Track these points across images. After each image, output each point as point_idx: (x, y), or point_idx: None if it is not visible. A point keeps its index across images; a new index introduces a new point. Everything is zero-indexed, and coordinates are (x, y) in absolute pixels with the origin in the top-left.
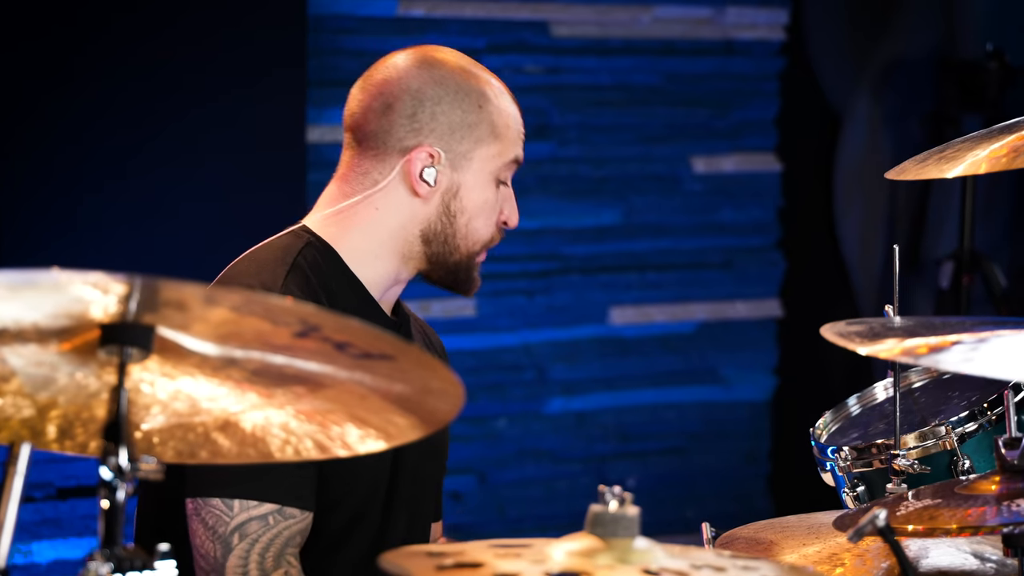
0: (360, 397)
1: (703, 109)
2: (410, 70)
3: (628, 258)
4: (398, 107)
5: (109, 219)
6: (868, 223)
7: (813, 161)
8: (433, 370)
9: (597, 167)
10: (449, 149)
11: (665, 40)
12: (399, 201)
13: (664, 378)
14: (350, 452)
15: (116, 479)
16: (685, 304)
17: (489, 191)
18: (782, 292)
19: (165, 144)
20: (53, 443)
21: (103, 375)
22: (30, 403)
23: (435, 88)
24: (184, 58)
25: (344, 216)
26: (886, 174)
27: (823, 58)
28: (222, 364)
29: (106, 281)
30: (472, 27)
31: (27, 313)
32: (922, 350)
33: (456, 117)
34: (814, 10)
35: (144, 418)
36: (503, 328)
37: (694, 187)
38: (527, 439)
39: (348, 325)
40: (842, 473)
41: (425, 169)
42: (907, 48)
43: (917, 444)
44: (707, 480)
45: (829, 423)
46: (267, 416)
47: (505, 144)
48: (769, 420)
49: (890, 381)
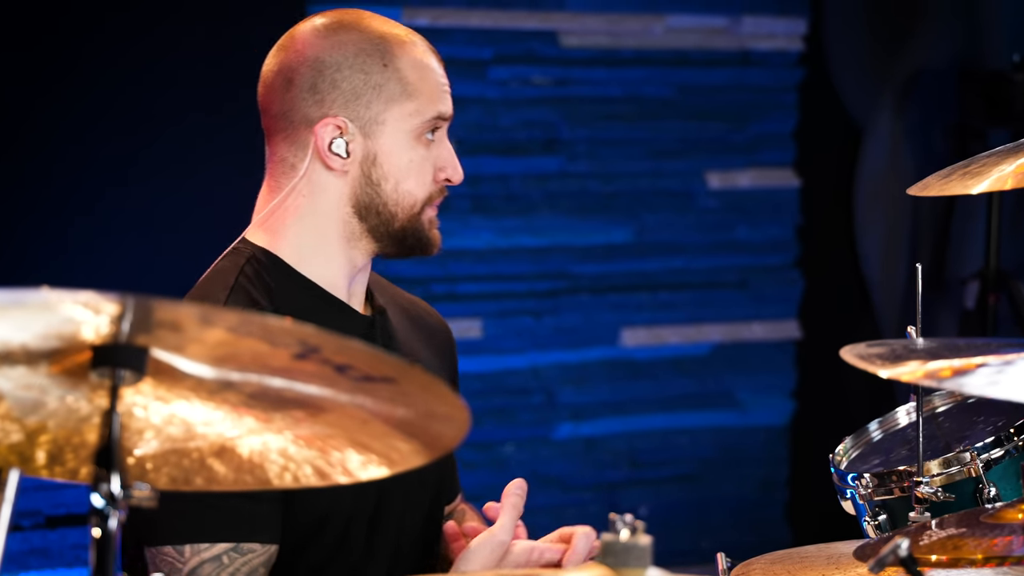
0: (361, 422)
1: (718, 122)
2: (308, 39)
3: (640, 277)
4: (298, 81)
5: (100, 235)
6: (890, 241)
7: (833, 176)
8: (437, 394)
9: (607, 183)
10: (356, 116)
11: (678, 50)
12: (322, 182)
13: (677, 402)
14: (351, 479)
15: (108, 507)
16: (699, 325)
17: (412, 151)
18: (800, 313)
19: (159, 156)
20: (42, 469)
21: (94, 398)
22: (18, 427)
23: (334, 53)
24: (182, 67)
25: (276, 217)
26: (908, 190)
27: (843, 69)
28: (218, 387)
29: (98, 300)
30: (478, 37)
31: (15, 334)
32: (946, 373)
33: (359, 81)
34: (834, 19)
35: (137, 443)
36: (510, 350)
37: (709, 204)
38: (535, 465)
39: (349, 346)
40: (863, 501)
41: (334, 141)
42: (930, 58)
43: (941, 471)
44: (722, 508)
45: (849, 449)
46: (265, 441)
47: (421, 101)
48: (787, 446)
49: (913, 405)
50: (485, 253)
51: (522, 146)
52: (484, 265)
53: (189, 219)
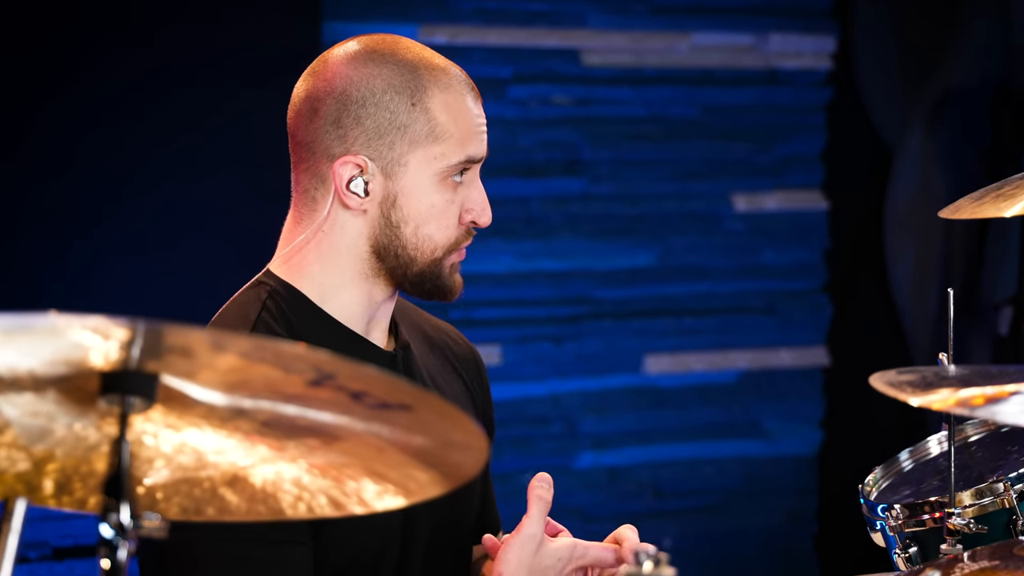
0: (377, 450)
1: (744, 143)
2: (338, 67)
3: (664, 302)
4: (323, 112)
5: (108, 256)
6: (921, 265)
7: (862, 199)
8: (455, 421)
9: (631, 205)
10: (378, 156)
11: (704, 69)
12: (342, 220)
13: (702, 431)
14: (367, 509)
15: (117, 537)
16: (725, 352)
17: (436, 194)
18: (829, 339)
19: (171, 174)
20: (50, 499)
21: (103, 426)
22: (25, 456)
23: (361, 87)
24: (194, 82)
25: (301, 252)
26: (940, 213)
27: (873, 88)
28: (230, 415)
29: (107, 326)
30: (497, 55)
31: (22, 360)
32: (978, 401)
33: (383, 119)
34: (863, 37)
35: (147, 472)
36: (530, 377)
37: (735, 227)
38: (556, 496)
39: (364, 373)
40: (893, 533)
41: (353, 180)
42: (963, 78)
43: (973, 502)
44: (749, 540)
45: (879, 479)
46: (278, 470)
47: (449, 144)
48: (815, 476)
49: (944, 434)
50: (504, 277)
51: (543, 167)
52: (503, 290)
53: (197, 239)
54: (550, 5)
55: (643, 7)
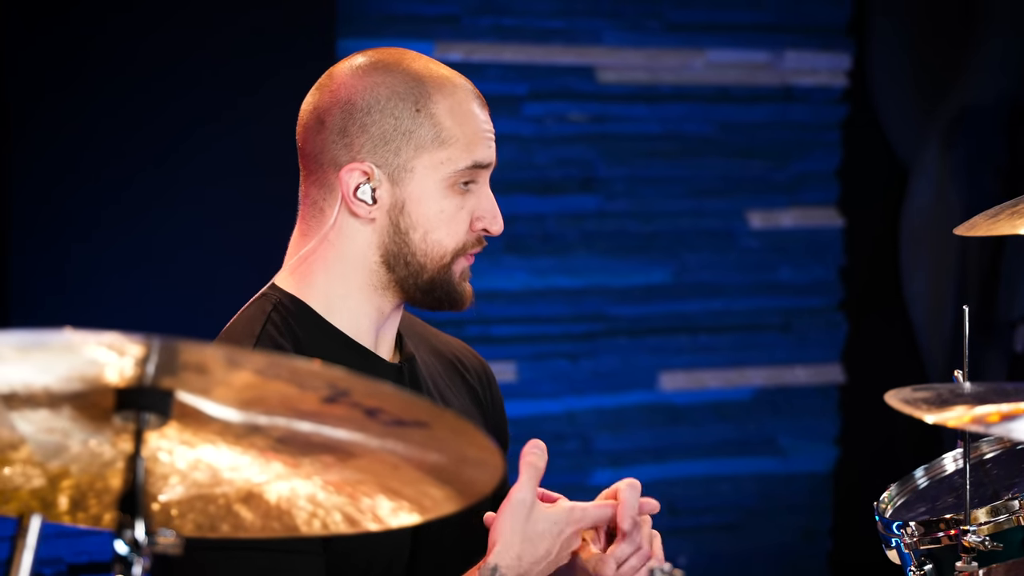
0: (392, 467)
1: (760, 160)
2: (344, 79)
3: (679, 319)
4: (329, 122)
5: (105, 265)
6: (936, 282)
7: (878, 216)
8: (469, 438)
9: (646, 222)
10: (384, 162)
11: (719, 86)
12: (350, 230)
13: (718, 448)
14: (381, 526)
15: (132, 554)
16: (740, 369)
17: (444, 200)
18: (844, 356)
19: (181, 186)
20: (65, 515)
21: (118, 443)
22: (40, 472)
23: (366, 96)
24: (204, 103)
25: (307, 263)
26: (956, 230)
27: (888, 105)
28: (245, 431)
29: (122, 342)
30: (512, 72)
31: (38, 376)
32: (994, 418)
33: (388, 126)
34: (879, 54)
35: (162, 489)
36: (545, 394)
37: (750, 244)
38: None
39: (379, 390)
40: (908, 550)
41: (360, 187)
42: (979, 95)
43: (989, 519)
44: (763, 558)
45: (895, 497)
46: (293, 487)
47: (455, 149)
48: (830, 493)
49: (960, 452)
50: (520, 294)
51: (558, 184)
52: (519, 307)
53: (188, 247)
54: (566, 22)
55: (658, 24)
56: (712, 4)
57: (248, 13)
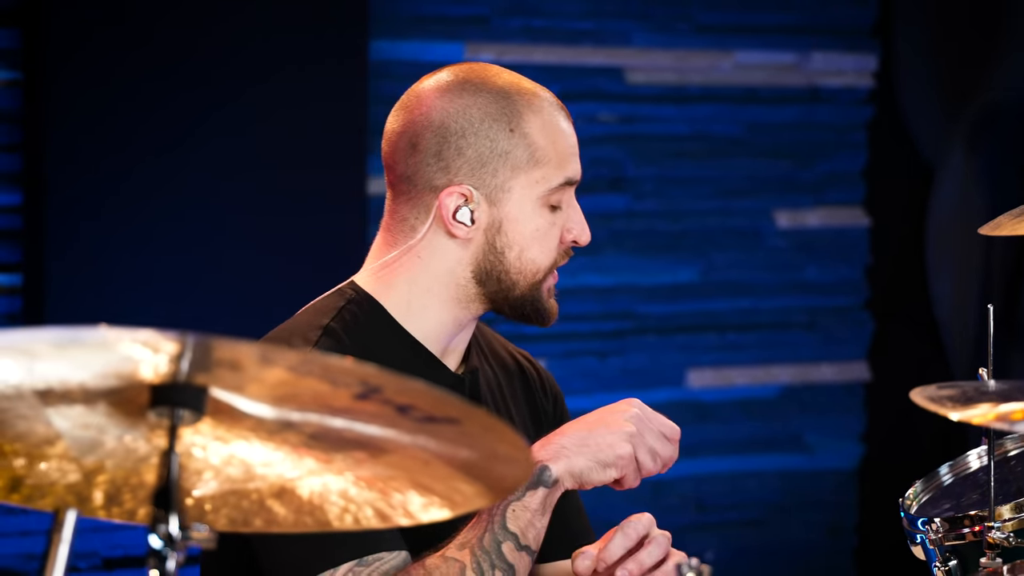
0: (423, 463)
1: (787, 160)
2: (432, 101)
3: (707, 318)
4: (423, 145)
5: (159, 270)
6: (962, 281)
7: (904, 216)
8: (500, 435)
9: (674, 221)
10: (482, 184)
11: (747, 87)
12: (442, 247)
13: (745, 445)
14: (412, 521)
15: (166, 548)
16: (767, 367)
17: (539, 218)
18: (870, 354)
19: (217, 194)
20: (100, 510)
21: (153, 438)
22: (76, 467)
23: (459, 119)
24: (239, 101)
25: (390, 268)
26: (980, 229)
27: (915, 106)
28: (278, 427)
29: (157, 339)
30: (542, 73)
31: (74, 373)
32: (1018, 416)
33: (484, 148)
34: (905, 55)
35: (196, 484)
36: (574, 391)
37: (777, 243)
38: (600, 510)
39: (411, 387)
40: (933, 546)
41: (459, 209)
42: (1005, 95)
43: (1013, 516)
44: (789, 554)
45: (920, 493)
46: (325, 483)
47: (549, 167)
48: (856, 490)
49: (984, 449)
50: None
51: (587, 184)
52: None
53: (247, 258)
54: (595, 24)
55: (687, 26)
56: (740, 6)
57: (278, 13)
